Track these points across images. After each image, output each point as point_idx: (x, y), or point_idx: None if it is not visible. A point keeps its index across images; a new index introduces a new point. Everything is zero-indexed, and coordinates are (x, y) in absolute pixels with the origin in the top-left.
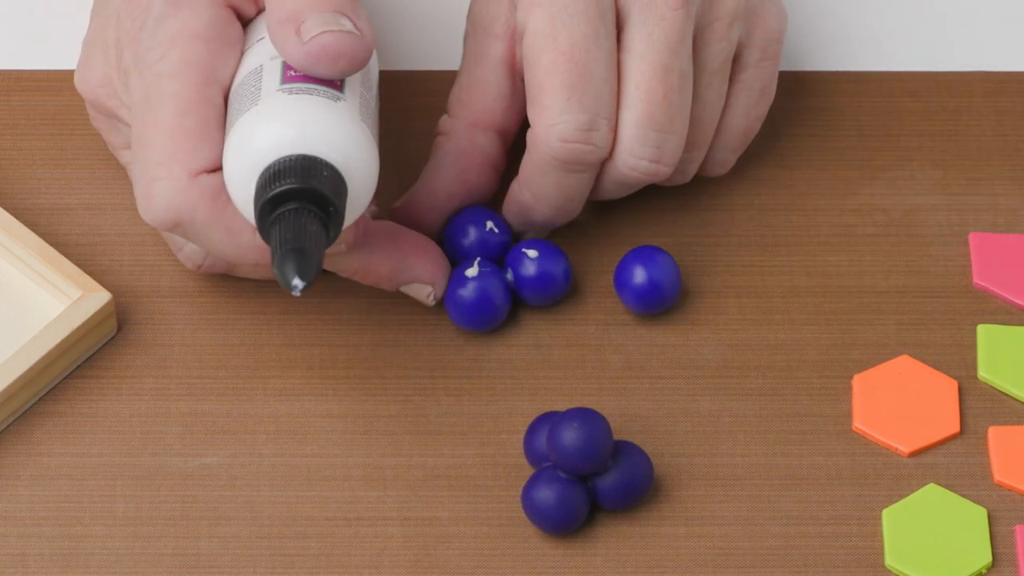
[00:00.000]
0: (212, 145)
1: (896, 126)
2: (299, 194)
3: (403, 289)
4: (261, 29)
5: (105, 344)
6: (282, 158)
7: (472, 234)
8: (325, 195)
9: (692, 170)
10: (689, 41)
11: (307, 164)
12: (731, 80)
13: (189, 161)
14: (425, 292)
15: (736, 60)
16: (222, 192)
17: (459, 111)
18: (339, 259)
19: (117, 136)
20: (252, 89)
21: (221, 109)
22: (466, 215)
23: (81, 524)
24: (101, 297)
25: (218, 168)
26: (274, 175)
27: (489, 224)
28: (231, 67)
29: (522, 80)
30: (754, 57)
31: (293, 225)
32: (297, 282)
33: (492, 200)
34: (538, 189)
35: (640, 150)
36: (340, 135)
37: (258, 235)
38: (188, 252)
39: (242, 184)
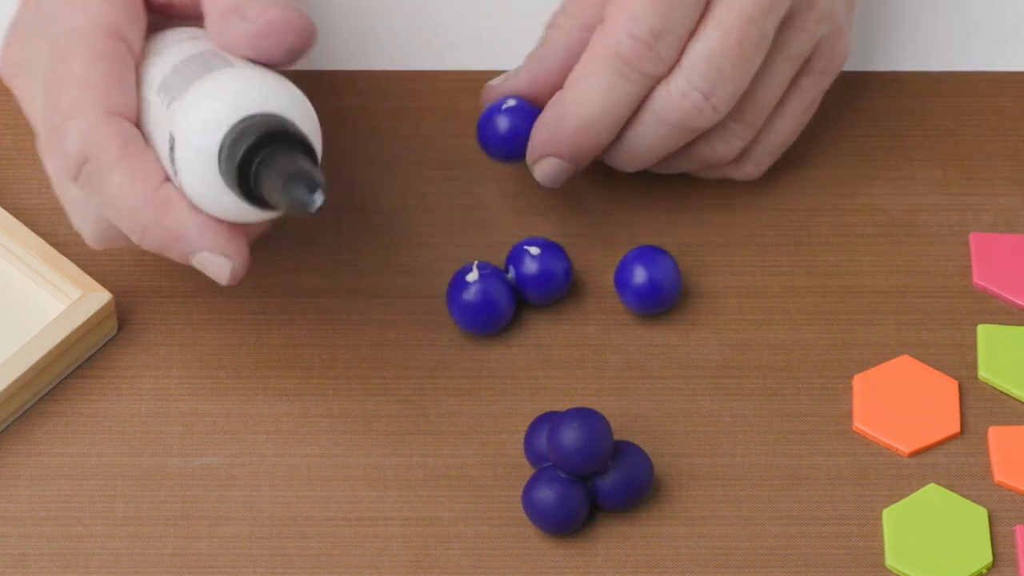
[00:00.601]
0: (126, 92)
1: (896, 126)
2: (279, 137)
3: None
4: (181, 32)
5: (105, 344)
6: (249, 116)
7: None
8: (303, 136)
9: (738, 147)
10: (779, 14)
11: (275, 120)
12: (792, 81)
13: (103, 100)
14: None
15: (805, 62)
16: (135, 140)
17: (578, 11)
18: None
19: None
20: (196, 68)
21: (132, 66)
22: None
23: (81, 524)
24: (101, 297)
25: (132, 119)
26: (243, 131)
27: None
28: (139, 40)
29: None
30: (820, 66)
31: (285, 158)
32: (317, 196)
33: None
34: (583, 89)
35: (697, 81)
36: (290, 95)
37: (161, 189)
38: (91, 232)
39: (201, 148)
